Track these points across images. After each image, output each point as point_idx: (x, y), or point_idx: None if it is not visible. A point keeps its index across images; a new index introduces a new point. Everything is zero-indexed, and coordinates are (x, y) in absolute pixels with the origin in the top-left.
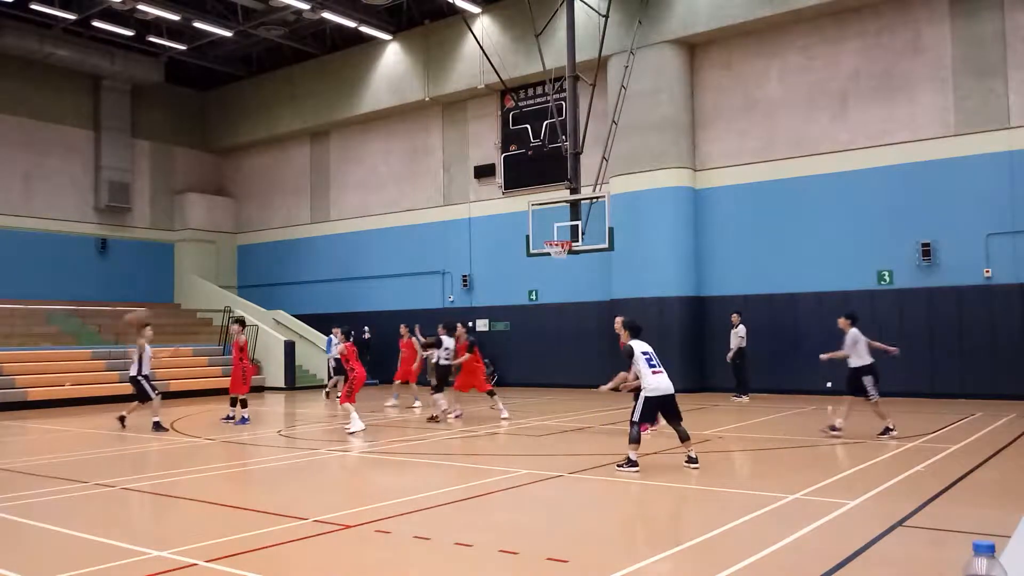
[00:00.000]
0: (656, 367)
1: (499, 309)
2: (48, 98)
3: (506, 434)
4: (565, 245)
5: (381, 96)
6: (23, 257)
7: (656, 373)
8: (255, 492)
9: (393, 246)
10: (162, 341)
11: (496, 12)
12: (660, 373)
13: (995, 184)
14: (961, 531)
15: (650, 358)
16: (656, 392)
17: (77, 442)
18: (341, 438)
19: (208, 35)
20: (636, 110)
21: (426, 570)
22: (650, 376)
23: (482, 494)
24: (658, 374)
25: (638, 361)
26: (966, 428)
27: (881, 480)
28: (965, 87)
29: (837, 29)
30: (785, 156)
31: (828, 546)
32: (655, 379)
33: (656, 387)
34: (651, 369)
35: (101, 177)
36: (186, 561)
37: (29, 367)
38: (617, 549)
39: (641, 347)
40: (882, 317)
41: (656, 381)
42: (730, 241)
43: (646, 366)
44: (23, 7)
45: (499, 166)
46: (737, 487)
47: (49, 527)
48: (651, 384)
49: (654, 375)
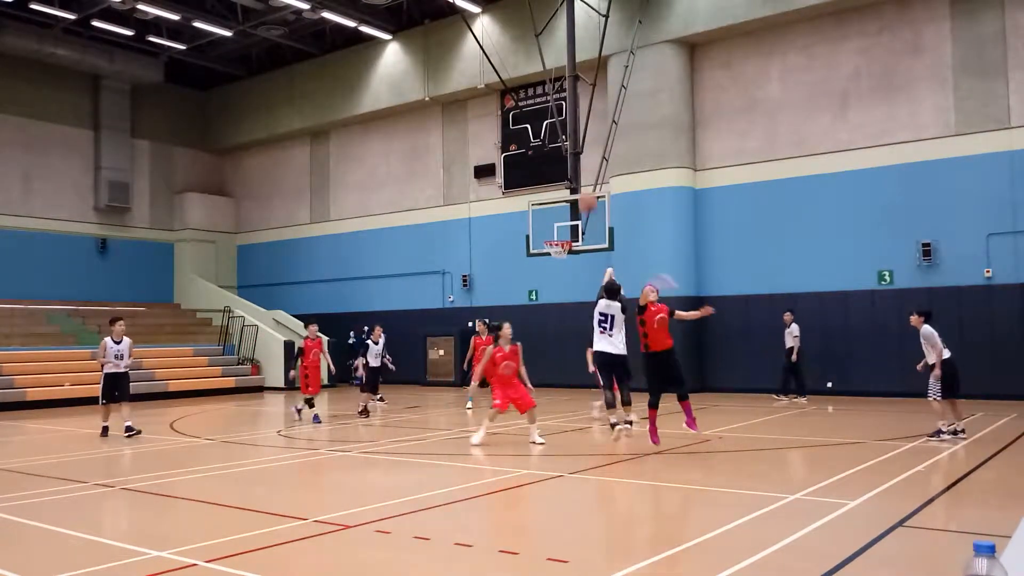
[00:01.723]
0: (604, 329)
1: (499, 309)
2: (48, 98)
3: (506, 434)
4: (565, 245)
5: (381, 96)
6: (23, 257)
7: (601, 334)
8: (255, 492)
9: (393, 246)
10: (162, 341)
11: (496, 12)
12: (603, 335)
13: (995, 184)
14: (961, 531)
15: (603, 319)
16: (597, 349)
17: (77, 442)
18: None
19: (208, 35)
20: (636, 110)
21: (426, 570)
22: (596, 336)
23: (482, 494)
24: (602, 335)
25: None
26: (966, 428)
27: (881, 480)
28: (965, 87)
29: (837, 29)
30: (785, 156)
31: (828, 546)
32: (598, 340)
33: (598, 347)
34: (599, 329)
35: (101, 177)
36: (186, 561)
37: (28, 367)
38: (617, 549)
39: (600, 307)
40: (882, 317)
41: (598, 342)
42: (730, 241)
43: (596, 327)
44: (23, 7)
45: (499, 166)
46: (737, 487)
47: (49, 527)
48: (595, 344)
49: (599, 336)
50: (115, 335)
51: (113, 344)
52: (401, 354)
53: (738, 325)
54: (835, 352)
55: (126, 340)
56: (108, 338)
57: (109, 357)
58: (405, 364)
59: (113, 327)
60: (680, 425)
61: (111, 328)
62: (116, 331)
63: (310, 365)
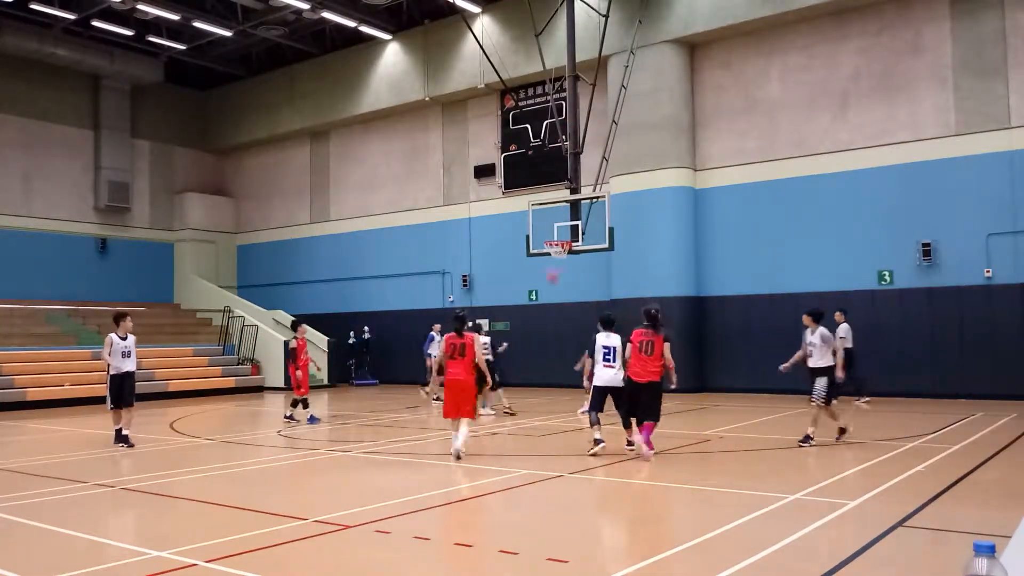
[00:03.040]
0: (609, 362)
1: (499, 309)
2: (48, 98)
3: (506, 434)
4: (565, 245)
5: (381, 96)
6: (23, 257)
7: (607, 367)
8: (255, 492)
9: (393, 246)
10: (162, 341)
11: (496, 12)
12: (607, 367)
13: (995, 184)
14: (961, 531)
15: (608, 352)
16: (600, 382)
17: (76, 442)
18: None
19: (208, 35)
20: (636, 110)
21: (426, 570)
22: (600, 368)
23: (482, 494)
24: (608, 368)
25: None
26: (966, 428)
27: (881, 480)
28: (965, 87)
29: (837, 29)
30: (785, 156)
31: (828, 546)
32: (603, 371)
33: (600, 378)
34: (603, 363)
35: (101, 177)
36: (186, 561)
37: (28, 367)
38: (617, 549)
39: (603, 340)
40: (882, 317)
41: (603, 373)
42: (730, 241)
43: (600, 359)
44: (23, 7)
45: (499, 166)
46: (737, 487)
47: (49, 527)
48: (598, 375)
49: (604, 368)
50: (121, 331)
51: (119, 340)
52: (401, 354)
53: (738, 325)
54: None
55: (131, 337)
56: (113, 334)
57: (116, 354)
58: (405, 364)
59: (119, 323)
60: (679, 425)
61: (116, 325)
62: (123, 327)
63: (302, 366)
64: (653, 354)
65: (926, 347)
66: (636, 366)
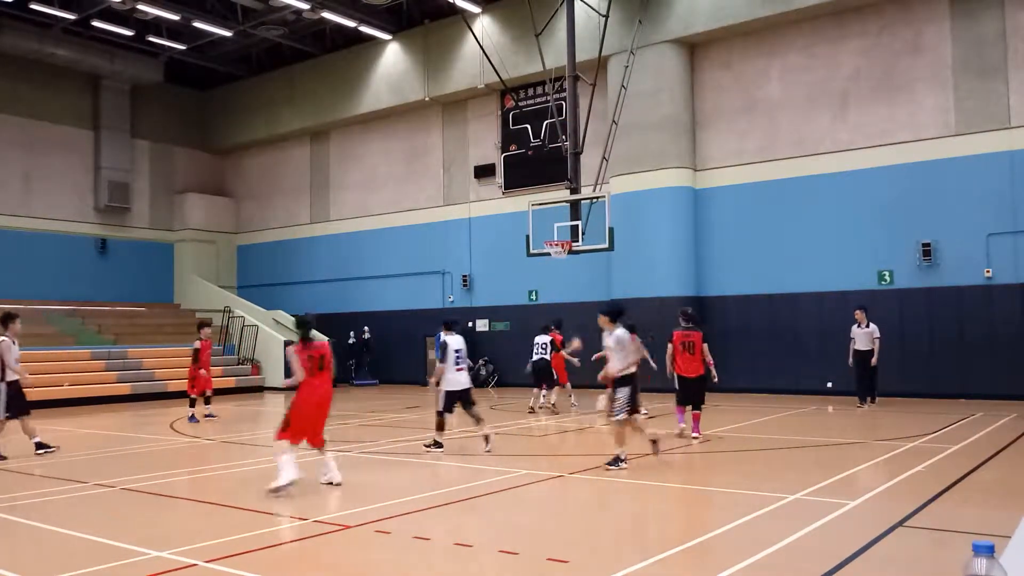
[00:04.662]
0: (460, 365)
1: (499, 309)
2: (48, 98)
3: (506, 434)
4: (565, 245)
5: (381, 96)
6: (23, 257)
7: (459, 371)
8: (255, 492)
9: (393, 246)
10: (162, 341)
11: (496, 12)
12: (461, 371)
13: (995, 184)
14: (961, 531)
15: (458, 356)
16: (451, 387)
17: (76, 442)
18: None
19: (208, 35)
20: (636, 110)
21: (426, 570)
22: (453, 372)
23: (482, 494)
24: (460, 371)
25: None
26: (966, 428)
27: (881, 480)
28: (965, 87)
29: (837, 29)
30: (785, 156)
31: (828, 546)
32: (456, 376)
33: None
34: (455, 367)
35: (101, 177)
36: (186, 561)
37: (28, 367)
38: (617, 549)
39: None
40: (882, 317)
41: (457, 377)
42: (730, 241)
43: (451, 363)
44: (23, 7)
45: (499, 166)
46: (737, 487)
47: (49, 527)
48: (449, 379)
49: (456, 372)
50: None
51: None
52: (401, 354)
53: (738, 325)
54: (835, 352)
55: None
56: (8, 339)
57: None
58: (405, 364)
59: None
60: (677, 426)
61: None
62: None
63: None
64: (695, 352)
65: (926, 347)
66: (682, 363)
